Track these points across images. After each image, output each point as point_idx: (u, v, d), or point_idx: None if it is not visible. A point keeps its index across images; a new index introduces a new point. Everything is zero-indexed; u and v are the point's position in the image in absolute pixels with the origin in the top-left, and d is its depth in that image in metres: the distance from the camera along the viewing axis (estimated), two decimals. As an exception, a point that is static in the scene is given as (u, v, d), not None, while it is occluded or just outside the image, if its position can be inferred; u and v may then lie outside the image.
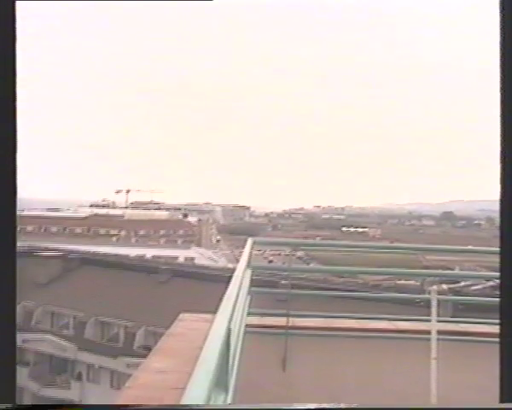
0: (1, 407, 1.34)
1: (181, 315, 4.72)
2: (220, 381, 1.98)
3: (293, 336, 4.94)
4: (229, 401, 2.29)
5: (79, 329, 30.95)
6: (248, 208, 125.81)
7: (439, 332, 4.30)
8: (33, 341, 31.35)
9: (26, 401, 31.53)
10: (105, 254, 39.12)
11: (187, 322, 4.46)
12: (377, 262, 6.78)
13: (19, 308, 32.15)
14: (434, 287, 4.55)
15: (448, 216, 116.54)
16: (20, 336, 31.48)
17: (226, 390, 2.14)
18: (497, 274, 1.81)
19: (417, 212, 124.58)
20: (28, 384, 31.35)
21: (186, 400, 1.19)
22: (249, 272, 4.39)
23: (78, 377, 30.70)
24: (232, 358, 2.61)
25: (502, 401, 1.62)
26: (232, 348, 2.71)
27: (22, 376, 31.62)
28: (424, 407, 3.12)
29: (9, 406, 1.38)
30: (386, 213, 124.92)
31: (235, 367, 2.86)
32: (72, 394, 30.59)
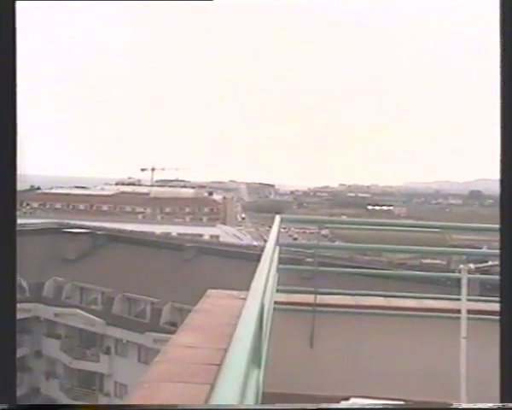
0: (1, 406, 1.33)
1: (208, 292, 4.75)
2: (254, 357, 1.99)
3: (321, 313, 4.93)
4: (261, 377, 2.30)
5: (107, 304, 31.46)
6: (273, 186, 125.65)
7: (469, 311, 4.25)
8: (64, 315, 32.05)
9: (59, 372, 32.37)
10: (131, 232, 39.55)
11: (214, 298, 4.49)
12: (402, 241, 6.69)
13: (50, 283, 32.85)
14: (465, 266, 4.48)
15: (476, 195, 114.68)
16: (51, 310, 32.21)
17: (259, 366, 2.15)
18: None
19: (444, 191, 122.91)
20: (60, 356, 32.14)
21: (224, 376, 1.20)
22: (278, 249, 4.39)
23: (107, 351, 31.31)
24: (265, 334, 2.62)
25: (502, 400, 1.62)
26: (264, 323, 2.73)
27: (55, 348, 32.43)
28: (424, 406, 3.12)
29: (9, 406, 1.37)
30: (411, 192, 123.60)
31: (266, 343, 2.87)
32: (101, 367, 31.26)
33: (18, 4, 1.44)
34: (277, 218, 4.63)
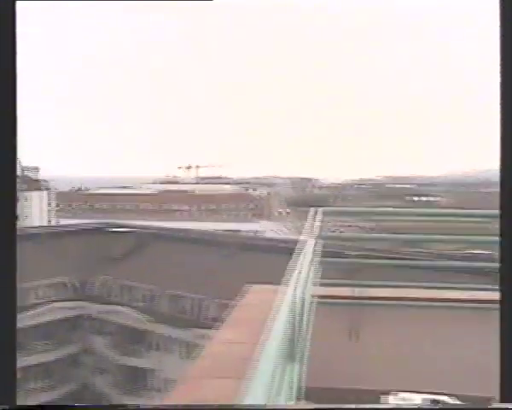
0: (1, 407, 1.33)
1: (250, 287, 4.76)
2: (293, 351, 1.98)
3: (362, 306, 4.87)
4: (298, 371, 2.29)
5: (152, 301, 31.94)
6: (316, 180, 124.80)
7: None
8: (110, 312, 32.74)
9: (107, 367, 33.08)
10: (176, 230, 39.97)
11: (255, 294, 4.50)
12: (451, 231, 6.52)
13: (98, 281, 33.61)
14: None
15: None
16: (98, 308, 32.98)
17: (297, 360, 2.13)
18: None
19: (496, 178, 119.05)
20: (108, 353, 32.86)
21: (256, 371, 1.19)
22: (319, 242, 4.35)
23: (154, 347, 31.79)
24: (302, 328, 2.60)
25: (502, 400, 1.56)
26: (302, 317, 2.70)
27: (102, 344, 33.18)
28: (423, 406, 3.03)
29: (10, 406, 1.37)
30: (460, 181, 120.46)
31: (306, 337, 2.85)
32: (147, 362, 31.78)
33: (18, 4, 1.43)
34: (317, 211, 4.59)
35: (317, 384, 4.24)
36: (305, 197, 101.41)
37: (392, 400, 3.67)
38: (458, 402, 3.59)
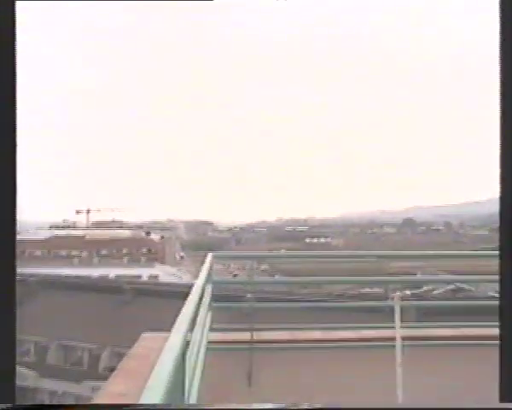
0: (1, 407, 1.34)
1: (142, 335, 4.63)
2: (176, 400, 1.91)
3: (259, 351, 4.88)
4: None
5: (41, 354, 30.16)
6: (211, 224, 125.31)
7: (404, 338, 4.31)
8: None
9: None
10: (67, 276, 38.35)
11: (148, 342, 4.37)
12: (341, 272, 6.78)
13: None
14: (397, 293, 4.56)
15: (408, 223, 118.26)
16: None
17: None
18: (457, 277, 1.80)
19: (379, 220, 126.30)
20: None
21: None
22: (210, 286, 4.32)
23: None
24: (192, 375, 2.53)
25: (501, 400, 1.63)
26: (192, 364, 2.64)
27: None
28: (422, 406, 3.10)
29: (9, 406, 1.38)
30: (348, 223, 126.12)
31: (197, 384, 2.78)
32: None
33: (18, 4, 1.47)
34: (209, 255, 4.59)
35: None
36: (201, 241, 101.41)
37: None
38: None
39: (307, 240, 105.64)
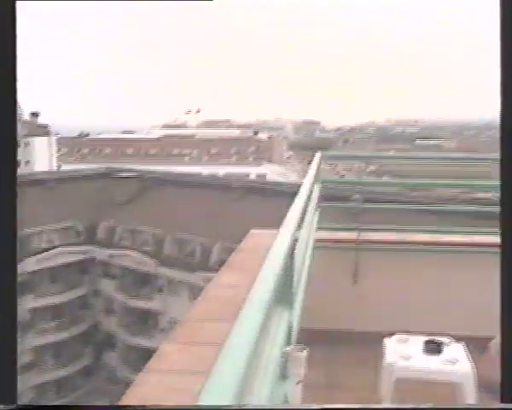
0: (2, 407, 1.32)
1: (251, 231, 4.77)
2: (283, 294, 1.98)
3: (364, 251, 4.89)
4: (296, 314, 2.29)
5: (158, 245, 32.28)
6: (319, 123, 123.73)
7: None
8: (117, 256, 33.18)
9: (116, 309, 33.82)
10: (179, 174, 39.98)
11: (257, 238, 4.51)
12: (452, 175, 6.48)
13: (103, 226, 33.94)
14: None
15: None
16: (105, 252, 33.40)
17: (290, 303, 2.14)
18: None
19: (497, 122, 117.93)
20: (116, 295, 33.51)
21: (246, 309, 1.19)
22: (318, 186, 4.32)
23: (160, 290, 32.36)
24: (299, 271, 2.60)
25: (502, 401, 1.57)
26: (300, 261, 2.71)
27: (110, 287, 33.84)
28: (422, 406, 3.06)
29: (10, 406, 1.36)
30: (462, 125, 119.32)
31: (304, 281, 2.86)
32: (155, 305, 32.42)
33: (18, 4, 1.43)
34: (317, 155, 4.55)
35: (317, 326, 4.30)
36: (308, 141, 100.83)
37: (394, 341, 3.72)
38: (458, 343, 3.64)
39: (417, 141, 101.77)
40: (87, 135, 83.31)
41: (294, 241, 1.99)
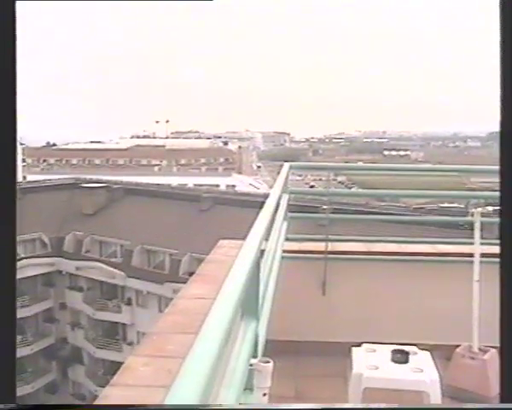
0: (1, 407, 1.33)
1: (220, 242, 4.75)
2: (251, 307, 1.97)
3: (333, 261, 4.91)
4: (263, 325, 2.28)
5: (127, 257, 31.93)
6: (288, 134, 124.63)
7: (483, 255, 4.19)
8: (85, 268, 32.66)
9: (83, 322, 33.23)
10: (147, 184, 39.70)
11: (225, 249, 4.49)
12: (420, 185, 6.59)
13: (70, 237, 33.36)
14: (478, 209, 4.39)
15: (494, 136, 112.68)
16: (72, 264, 32.83)
17: (256, 314, 2.13)
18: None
19: (462, 133, 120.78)
20: (83, 308, 32.94)
21: (209, 321, 1.17)
22: (286, 196, 4.33)
23: (128, 302, 31.96)
24: (266, 282, 2.59)
25: (502, 400, 1.59)
26: (267, 272, 2.70)
27: (77, 300, 33.24)
28: (427, 406, 3.11)
29: (10, 406, 1.37)
30: (429, 136, 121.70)
31: (271, 292, 2.85)
32: (123, 317, 31.99)
33: (18, 4, 1.43)
34: (286, 165, 4.56)
35: (285, 338, 4.29)
36: (278, 151, 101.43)
37: (362, 351, 3.73)
38: (426, 352, 3.68)
39: (386, 152, 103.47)
40: (54, 145, 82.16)
41: (261, 251, 1.98)
